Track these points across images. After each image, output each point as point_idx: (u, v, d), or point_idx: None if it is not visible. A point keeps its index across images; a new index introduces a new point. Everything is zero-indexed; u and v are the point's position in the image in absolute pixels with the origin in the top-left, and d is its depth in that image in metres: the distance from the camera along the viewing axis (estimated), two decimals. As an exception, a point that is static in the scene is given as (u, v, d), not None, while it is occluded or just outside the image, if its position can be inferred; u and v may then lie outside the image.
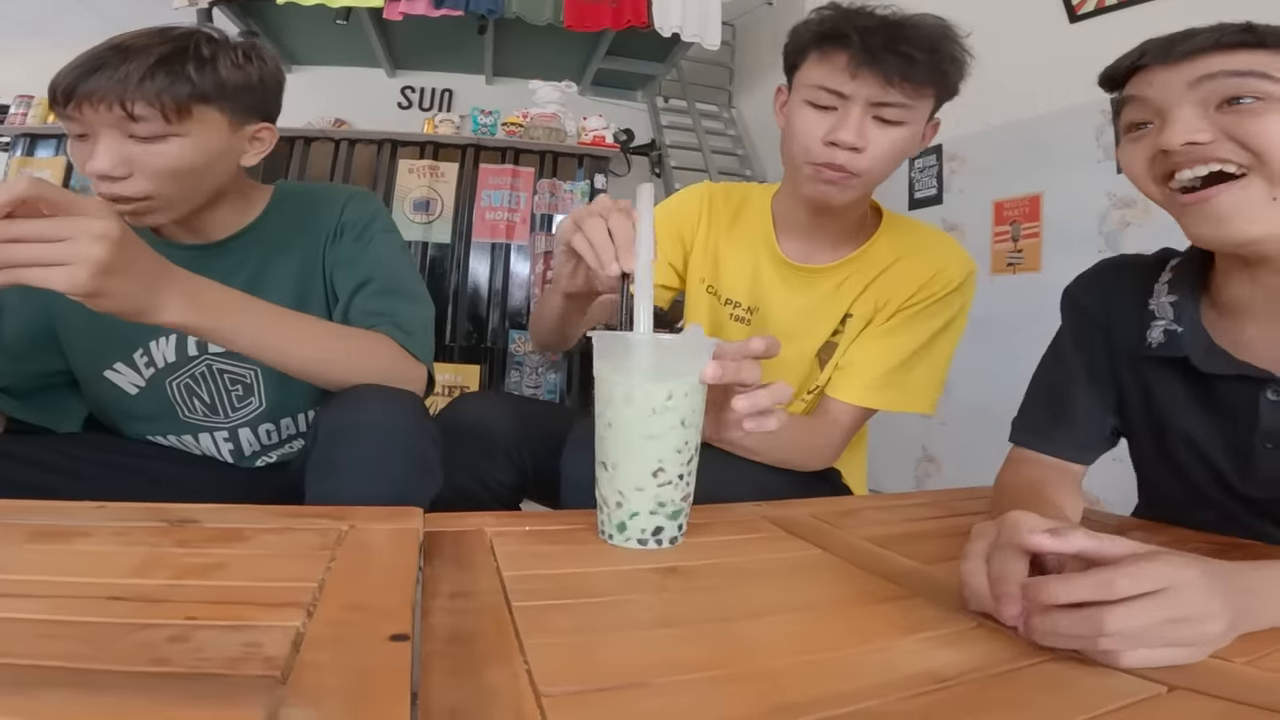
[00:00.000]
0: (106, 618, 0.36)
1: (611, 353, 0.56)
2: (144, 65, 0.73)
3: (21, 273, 0.54)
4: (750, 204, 1.08)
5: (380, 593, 0.42)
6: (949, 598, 0.50)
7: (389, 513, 0.58)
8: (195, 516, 0.53)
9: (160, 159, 0.75)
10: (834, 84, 0.85)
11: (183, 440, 0.90)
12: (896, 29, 0.83)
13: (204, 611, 0.37)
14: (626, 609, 0.45)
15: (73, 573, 0.42)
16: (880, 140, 0.87)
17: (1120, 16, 2.34)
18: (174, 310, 0.63)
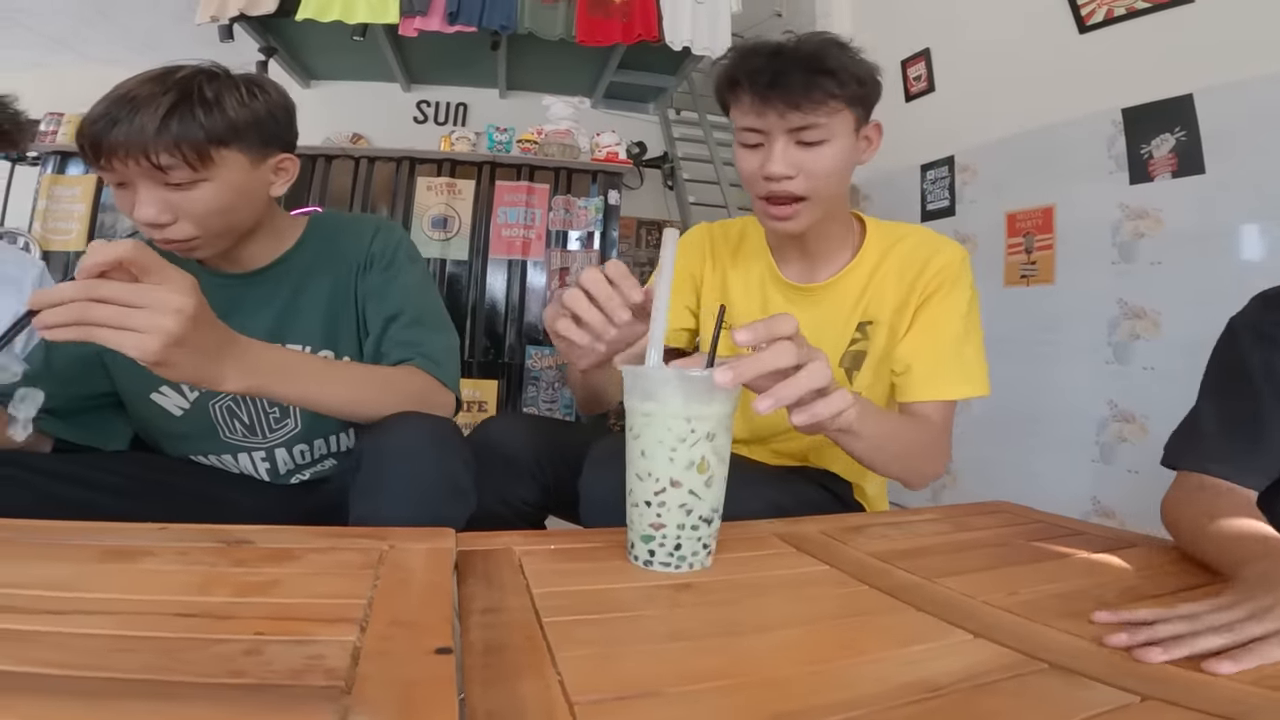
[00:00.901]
0: (180, 633, 0.41)
1: (637, 387, 0.60)
2: (155, 117, 0.78)
3: (96, 331, 0.59)
4: (748, 236, 1.15)
5: (422, 609, 0.46)
6: (945, 611, 0.54)
7: (424, 533, 0.63)
8: (249, 537, 0.58)
9: (197, 203, 0.81)
10: (749, 123, 0.94)
11: (223, 459, 0.96)
12: (780, 61, 0.91)
13: (268, 627, 0.42)
14: (644, 623, 0.50)
15: (143, 590, 0.47)
16: (810, 161, 0.93)
17: (1129, 27, 2.37)
18: (233, 381, 0.69)
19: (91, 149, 0.80)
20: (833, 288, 1.05)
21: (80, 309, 0.58)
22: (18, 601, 0.43)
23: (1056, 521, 0.90)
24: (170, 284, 0.61)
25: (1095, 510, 2.37)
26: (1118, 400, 2.34)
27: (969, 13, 3.02)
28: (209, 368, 0.66)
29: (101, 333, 0.59)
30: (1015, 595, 0.59)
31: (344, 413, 0.81)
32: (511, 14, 3.40)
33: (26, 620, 0.40)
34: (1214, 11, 2.13)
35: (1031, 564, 0.70)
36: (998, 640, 0.49)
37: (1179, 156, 2.17)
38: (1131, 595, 0.61)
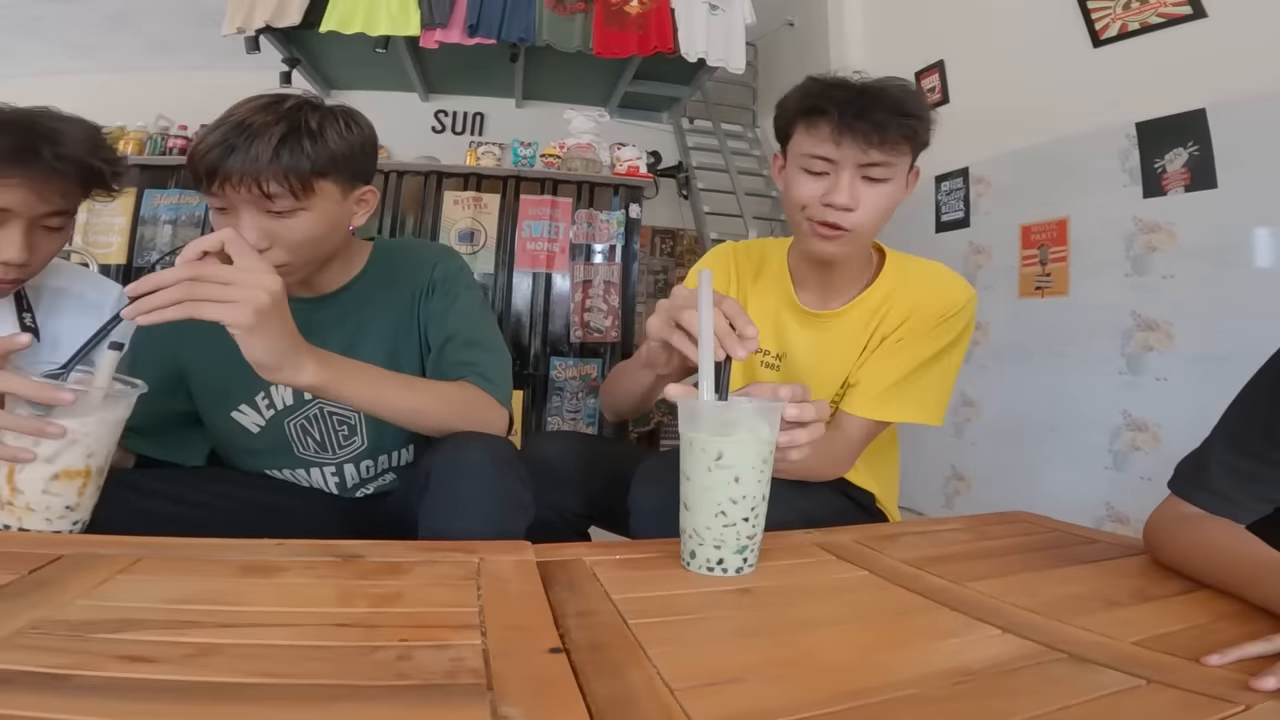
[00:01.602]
0: (344, 641, 0.48)
1: (686, 414, 0.69)
2: (270, 146, 0.84)
3: (197, 306, 0.68)
4: (769, 260, 1.22)
5: (526, 614, 0.54)
6: (973, 609, 0.62)
7: (504, 546, 0.71)
8: (357, 552, 0.66)
9: (294, 232, 0.88)
10: (822, 151, 0.99)
11: (295, 474, 1.04)
12: (868, 98, 0.96)
13: (410, 634, 0.49)
14: (715, 623, 0.58)
15: (295, 603, 0.54)
16: (869, 197, 1.00)
17: (1142, 41, 2.44)
18: (309, 373, 0.77)
19: (206, 174, 0.85)
20: (844, 315, 1.12)
21: (186, 288, 0.67)
22: (194, 616, 0.50)
23: (1071, 530, 0.98)
24: (256, 264, 0.71)
25: (1109, 516, 2.44)
26: (1131, 410, 2.41)
27: (982, 26, 3.09)
28: (289, 355, 0.75)
29: (202, 307, 0.68)
30: (1035, 596, 0.67)
31: (406, 420, 0.88)
32: (530, 26, 3.50)
33: (214, 634, 0.47)
34: (1227, 27, 2.20)
35: (1049, 569, 0.78)
36: (1022, 634, 0.57)
37: (1192, 171, 2.24)
38: (1140, 596, 0.70)
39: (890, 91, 0.98)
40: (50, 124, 0.89)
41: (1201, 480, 0.81)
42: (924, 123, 1.00)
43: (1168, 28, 2.35)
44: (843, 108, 0.96)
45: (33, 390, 0.67)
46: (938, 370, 1.08)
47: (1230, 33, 2.18)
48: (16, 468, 0.67)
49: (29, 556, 0.58)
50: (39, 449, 0.67)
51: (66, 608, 0.48)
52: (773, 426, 0.69)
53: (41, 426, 0.67)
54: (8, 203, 0.87)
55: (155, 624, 0.47)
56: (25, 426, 0.66)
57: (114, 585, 0.53)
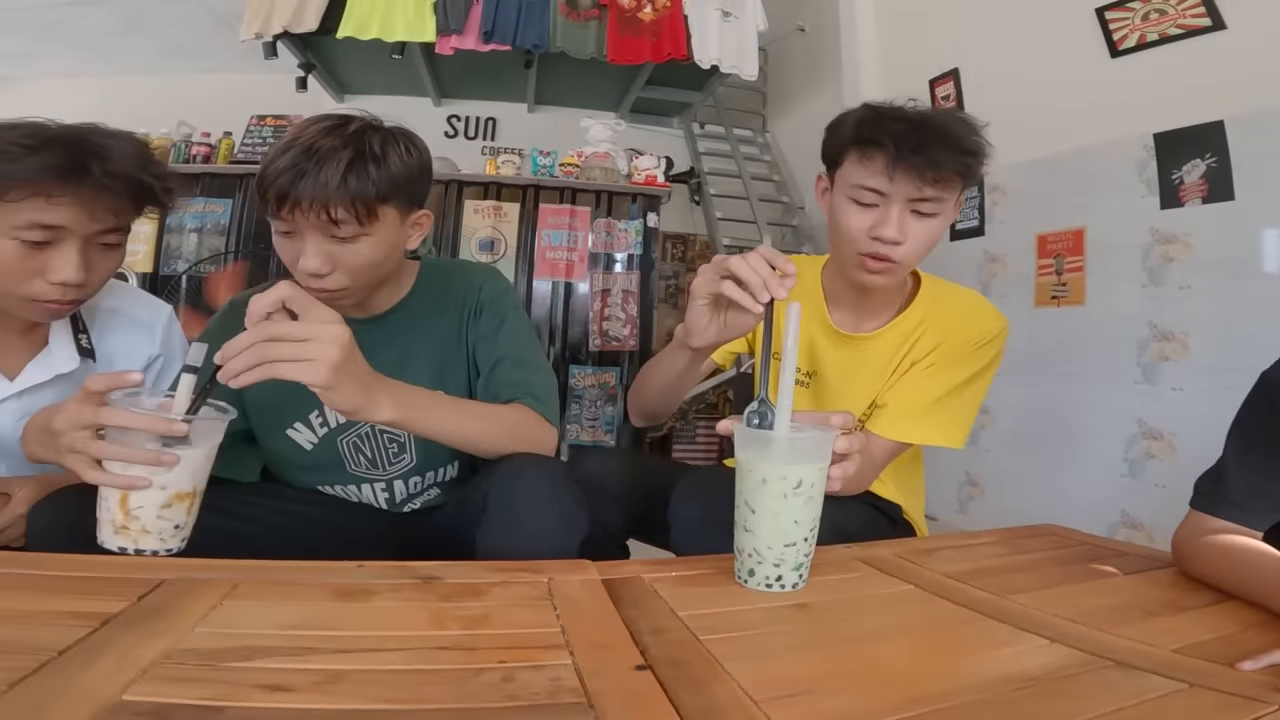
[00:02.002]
0: (448, 665, 0.50)
1: (751, 444, 0.73)
2: (338, 171, 0.86)
3: (276, 367, 0.70)
4: (802, 278, 1.20)
5: (604, 633, 0.58)
6: (1020, 621, 0.66)
7: (569, 566, 0.74)
8: (436, 573, 0.69)
9: (356, 257, 0.91)
10: (874, 184, 0.99)
11: (346, 490, 1.08)
12: (926, 132, 0.95)
13: (507, 656, 0.52)
14: (780, 637, 0.61)
15: (393, 627, 0.57)
16: (918, 231, 1.01)
17: (1161, 52, 2.47)
18: (387, 412, 0.80)
19: (277, 199, 0.87)
20: (877, 338, 1.14)
21: (260, 350, 0.69)
22: (308, 642, 0.52)
23: (1099, 543, 1.02)
24: (325, 318, 0.73)
25: (1123, 522, 2.47)
26: (1146, 419, 2.44)
27: (999, 34, 3.12)
28: (364, 395, 0.77)
29: (280, 368, 0.70)
30: (1077, 607, 0.71)
31: (469, 446, 0.92)
32: (544, 33, 3.55)
33: (333, 660, 0.50)
34: (1246, 40, 2.23)
35: (1086, 582, 0.82)
36: (1069, 644, 0.61)
37: (1209, 182, 2.27)
38: (1173, 607, 0.74)
39: (949, 126, 0.97)
40: (99, 140, 0.89)
41: (1220, 494, 0.86)
42: (980, 159, 0.99)
43: (1187, 39, 2.37)
44: (899, 142, 0.95)
45: (150, 424, 0.69)
46: (966, 396, 1.10)
47: (1249, 45, 2.21)
48: (131, 494, 0.70)
49: (131, 582, 0.61)
50: (153, 476, 0.70)
51: (189, 636, 0.51)
52: (828, 453, 0.74)
53: (158, 456, 0.69)
54: (60, 220, 0.87)
55: (277, 651, 0.50)
56: (144, 457, 0.69)
57: (224, 612, 0.56)
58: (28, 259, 0.88)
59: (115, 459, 0.70)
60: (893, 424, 1.08)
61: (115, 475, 0.70)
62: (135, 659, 0.46)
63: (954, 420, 1.10)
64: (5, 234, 0.86)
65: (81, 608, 0.54)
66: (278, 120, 3.01)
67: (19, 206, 0.85)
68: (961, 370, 1.09)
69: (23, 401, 1.00)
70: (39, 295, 0.90)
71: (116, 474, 0.70)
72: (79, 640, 0.48)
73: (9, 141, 0.84)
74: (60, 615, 0.53)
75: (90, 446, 0.70)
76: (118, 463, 0.70)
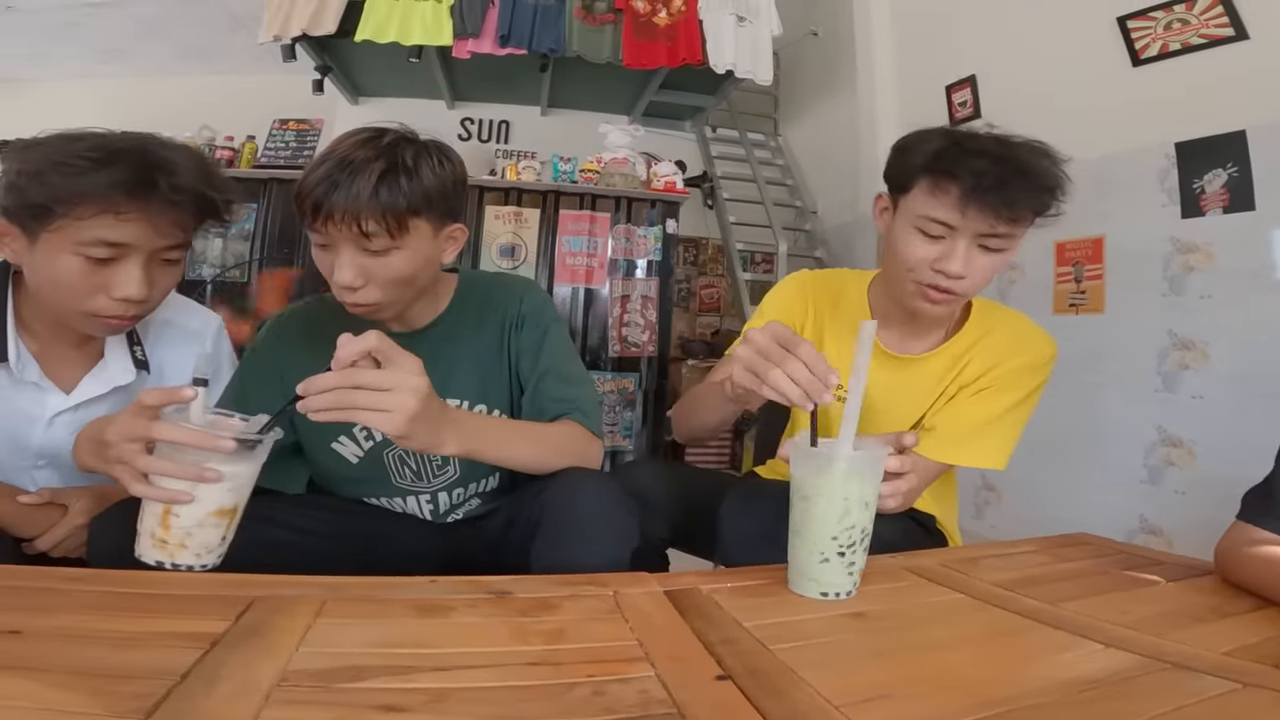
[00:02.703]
0: (541, 680, 0.52)
1: (808, 462, 0.76)
2: (369, 183, 0.87)
3: (354, 413, 0.73)
4: (847, 293, 1.22)
5: (679, 644, 0.60)
6: (1075, 628, 0.69)
7: (630, 579, 0.77)
8: (506, 588, 0.72)
9: (388, 270, 0.92)
10: (944, 217, 0.97)
11: (391, 502, 1.10)
12: (1007, 167, 0.92)
13: (594, 670, 0.54)
14: (846, 646, 0.64)
15: (480, 643, 0.59)
16: (983, 265, 0.99)
17: (1183, 62, 2.48)
18: (452, 445, 0.83)
19: (312, 210, 0.89)
20: (926, 361, 1.15)
21: (342, 395, 0.72)
22: (407, 660, 0.54)
23: (1136, 552, 1.04)
24: (407, 368, 0.75)
25: (1142, 528, 2.49)
26: (1166, 426, 2.46)
27: (1017, 41, 3.14)
28: (433, 436, 0.80)
29: (359, 414, 0.73)
30: (1127, 614, 0.74)
31: (525, 467, 0.95)
32: (560, 37, 3.58)
33: (435, 679, 0.52)
34: (1268, 49, 2.24)
35: (1130, 590, 0.85)
36: (1125, 649, 0.64)
37: (1230, 192, 2.29)
38: (1218, 613, 0.77)
39: (1032, 161, 0.94)
40: (163, 153, 0.89)
41: (1269, 508, 0.88)
42: (1059, 195, 0.96)
43: (1209, 49, 2.38)
44: (979, 178, 0.92)
45: (196, 439, 0.70)
46: (1011, 419, 1.11)
47: (1272, 55, 2.22)
48: (173, 509, 0.71)
49: (223, 600, 0.63)
50: (196, 491, 0.71)
51: (296, 657, 0.53)
52: (881, 469, 0.78)
53: (201, 472, 0.70)
54: (126, 237, 0.87)
55: (381, 671, 0.52)
56: (187, 473, 0.70)
57: (320, 631, 0.58)
58: (91, 274, 0.88)
59: (161, 473, 0.71)
60: (940, 446, 1.09)
61: (158, 489, 0.71)
62: (254, 682, 0.49)
63: (999, 443, 1.11)
64: (69, 249, 0.86)
65: (185, 628, 0.56)
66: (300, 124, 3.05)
67: (86, 223, 0.85)
68: (1010, 395, 1.09)
69: (79, 414, 1.01)
70: (101, 310, 0.91)
71: (160, 488, 0.71)
72: (195, 663, 0.50)
73: (75, 155, 0.84)
74: (168, 637, 0.55)
75: (138, 460, 0.71)
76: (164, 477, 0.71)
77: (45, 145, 0.86)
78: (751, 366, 0.81)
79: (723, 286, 5.35)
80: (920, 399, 1.15)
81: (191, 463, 0.71)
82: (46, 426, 1.00)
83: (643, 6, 3.69)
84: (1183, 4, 2.44)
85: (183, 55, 4.56)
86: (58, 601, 0.60)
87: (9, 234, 0.90)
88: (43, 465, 1.01)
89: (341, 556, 1.02)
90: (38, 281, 0.92)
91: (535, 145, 4.66)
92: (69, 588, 0.64)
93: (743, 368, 0.82)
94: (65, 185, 0.83)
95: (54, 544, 0.92)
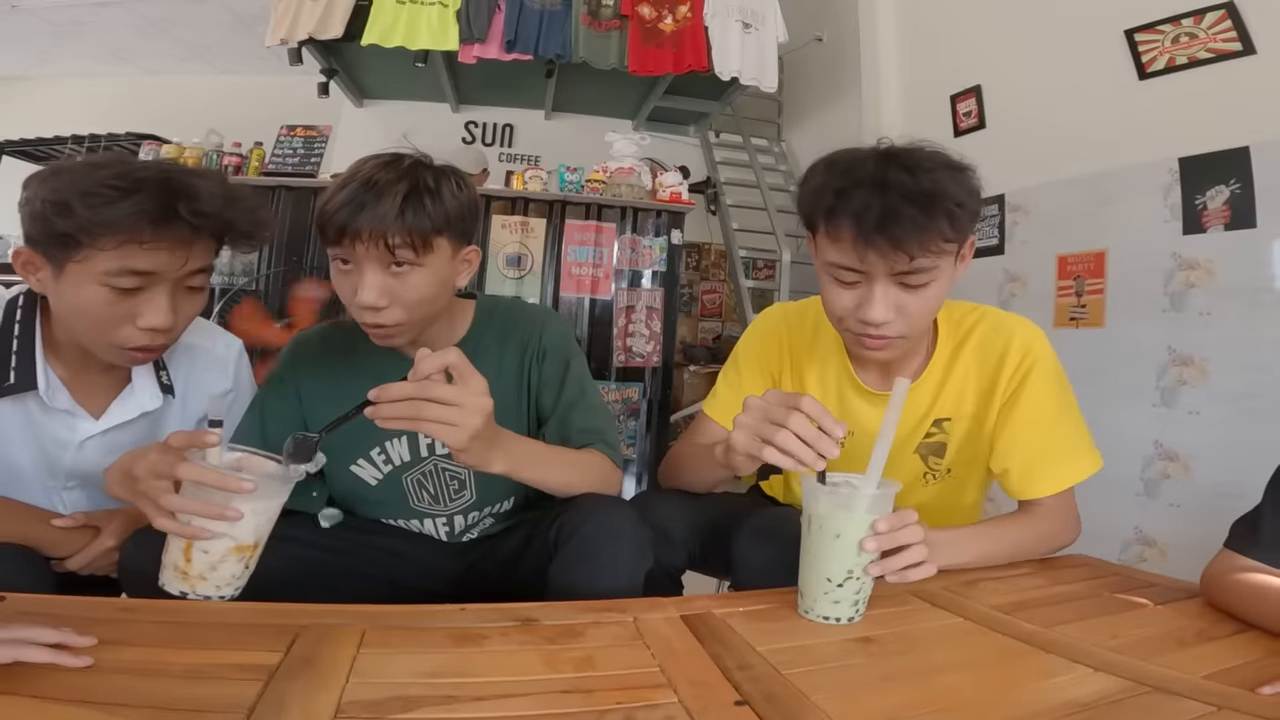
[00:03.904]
0: (575, 708, 0.56)
1: (822, 497, 0.81)
2: (395, 204, 0.91)
3: (422, 424, 0.77)
4: (822, 330, 1.16)
5: (698, 671, 0.64)
6: (1066, 651, 0.73)
7: (649, 604, 0.81)
8: (532, 615, 0.76)
9: (411, 290, 0.96)
10: (846, 262, 0.92)
11: (409, 523, 1.14)
12: (890, 197, 0.85)
13: (622, 696, 0.59)
14: (856, 671, 0.68)
15: (515, 672, 0.63)
16: (912, 304, 0.93)
17: (1189, 76, 2.51)
18: (499, 464, 0.88)
19: (336, 231, 0.92)
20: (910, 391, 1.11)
21: (416, 406, 0.77)
22: (449, 689, 0.58)
23: (1131, 574, 1.09)
24: (476, 388, 0.80)
25: (1137, 539, 2.54)
26: (1163, 440, 2.51)
27: (1023, 51, 3.17)
28: (485, 455, 0.85)
29: (427, 425, 0.78)
30: (1116, 638, 0.78)
31: (556, 490, 1.00)
32: (566, 43, 3.63)
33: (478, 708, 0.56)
34: (1274, 64, 2.27)
35: (1121, 613, 0.90)
36: (1112, 672, 0.68)
37: (1232, 209, 2.33)
38: (1203, 636, 0.81)
39: (919, 186, 0.86)
40: (185, 180, 0.90)
41: (1256, 539, 0.92)
42: (968, 209, 0.89)
43: (1216, 63, 2.41)
44: (861, 219, 0.86)
45: (216, 480, 0.74)
46: (1070, 414, 1.08)
47: (1278, 70, 2.25)
48: (196, 543, 0.75)
49: (270, 630, 0.67)
50: (216, 527, 0.74)
51: (350, 688, 0.57)
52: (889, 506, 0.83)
53: (222, 511, 0.74)
54: (152, 266, 0.89)
55: (427, 700, 0.56)
56: (208, 511, 0.74)
57: (367, 662, 0.62)
58: (116, 305, 0.90)
59: (184, 511, 0.74)
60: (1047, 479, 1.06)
61: (181, 525, 0.74)
62: (315, 714, 0.53)
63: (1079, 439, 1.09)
64: (95, 280, 0.88)
65: (242, 660, 0.61)
66: (308, 130, 3.08)
67: (111, 254, 0.86)
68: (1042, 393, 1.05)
69: (107, 438, 1.04)
70: (127, 341, 0.92)
71: (182, 525, 0.74)
72: (259, 696, 0.55)
73: (99, 184, 0.85)
74: (227, 668, 0.59)
75: (163, 499, 0.75)
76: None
77: (69, 173, 0.88)
78: (758, 432, 0.83)
79: (725, 292, 5.41)
80: (911, 429, 1.13)
81: (213, 502, 0.74)
82: (77, 450, 1.03)
83: (649, 13, 3.74)
84: (1191, 18, 2.47)
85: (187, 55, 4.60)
86: (120, 633, 0.64)
87: (35, 263, 0.91)
88: (72, 486, 1.05)
89: (361, 574, 1.07)
90: (64, 312, 0.94)
91: (539, 149, 4.73)
92: (124, 618, 0.68)
93: (748, 435, 0.84)
94: (91, 216, 0.84)
95: (85, 564, 0.95)
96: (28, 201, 0.88)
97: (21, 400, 0.98)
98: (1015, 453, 1.07)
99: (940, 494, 1.18)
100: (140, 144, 3.48)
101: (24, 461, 1.01)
